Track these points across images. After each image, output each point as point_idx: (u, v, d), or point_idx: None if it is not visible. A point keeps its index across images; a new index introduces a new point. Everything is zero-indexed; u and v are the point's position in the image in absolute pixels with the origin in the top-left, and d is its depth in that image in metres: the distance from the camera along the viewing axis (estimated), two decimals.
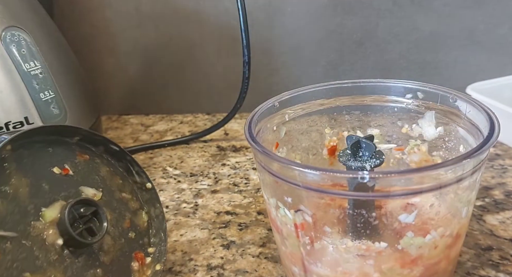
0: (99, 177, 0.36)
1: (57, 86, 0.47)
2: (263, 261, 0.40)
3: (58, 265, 0.30)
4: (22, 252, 0.28)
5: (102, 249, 0.33)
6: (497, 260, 0.38)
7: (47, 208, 0.30)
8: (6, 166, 0.29)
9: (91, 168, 0.36)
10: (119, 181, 0.38)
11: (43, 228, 0.30)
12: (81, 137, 0.36)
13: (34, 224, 0.29)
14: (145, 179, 0.39)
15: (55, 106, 0.46)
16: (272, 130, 0.38)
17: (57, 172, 0.33)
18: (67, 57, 0.53)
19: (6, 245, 0.27)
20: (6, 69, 0.44)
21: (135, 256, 0.36)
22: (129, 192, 0.38)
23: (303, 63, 0.68)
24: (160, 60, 0.70)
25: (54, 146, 0.34)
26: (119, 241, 0.35)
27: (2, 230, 0.28)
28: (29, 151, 0.32)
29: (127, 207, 0.37)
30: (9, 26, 0.45)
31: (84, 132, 0.35)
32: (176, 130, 0.67)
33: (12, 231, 0.28)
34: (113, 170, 0.38)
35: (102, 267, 0.33)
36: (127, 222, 0.37)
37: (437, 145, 0.37)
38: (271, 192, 0.33)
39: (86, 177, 0.35)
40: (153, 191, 0.39)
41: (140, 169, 0.38)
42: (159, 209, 0.39)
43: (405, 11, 0.64)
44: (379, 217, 0.31)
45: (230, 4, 0.65)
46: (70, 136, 0.35)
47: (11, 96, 0.44)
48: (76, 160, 0.35)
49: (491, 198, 0.47)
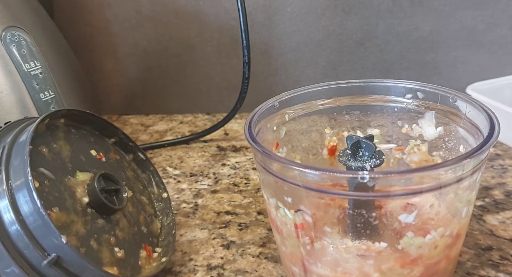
0: (125, 174, 0.41)
1: (57, 86, 0.47)
2: (263, 261, 0.40)
3: (81, 216, 0.33)
4: (56, 191, 0.33)
5: (118, 225, 0.37)
6: (497, 260, 0.38)
7: (81, 172, 0.36)
8: (57, 132, 0.37)
9: (119, 166, 0.41)
10: (140, 186, 0.42)
11: (76, 184, 0.35)
12: (116, 140, 0.42)
13: (69, 178, 0.35)
14: (163, 190, 0.44)
15: (55, 107, 0.46)
16: (272, 130, 0.38)
17: (94, 154, 0.39)
18: (67, 57, 0.53)
19: (45, 181, 0.32)
20: (6, 70, 0.44)
21: (144, 246, 0.38)
22: (147, 198, 0.43)
23: (303, 64, 0.68)
24: (160, 61, 0.70)
25: (95, 138, 0.40)
26: (133, 227, 0.38)
27: (44, 168, 0.33)
28: (77, 131, 0.39)
29: (144, 208, 0.41)
30: (9, 26, 0.45)
31: (121, 136, 0.42)
32: (176, 130, 0.67)
33: (52, 173, 0.33)
34: (137, 177, 0.43)
35: (116, 238, 0.36)
36: (142, 218, 0.40)
37: (437, 145, 0.37)
38: (271, 192, 0.33)
39: (115, 169, 0.40)
40: (168, 201, 0.44)
41: (159, 180, 0.44)
42: (171, 217, 0.42)
43: (405, 11, 0.64)
44: (379, 217, 0.31)
45: (230, 5, 0.65)
46: (108, 136, 0.42)
47: (11, 97, 0.44)
48: (109, 155, 0.41)
49: (491, 198, 0.47)
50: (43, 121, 0.34)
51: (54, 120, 0.36)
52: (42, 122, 0.34)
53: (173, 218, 0.42)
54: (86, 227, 0.33)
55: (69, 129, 0.38)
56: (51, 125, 0.36)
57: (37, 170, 0.32)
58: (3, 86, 0.44)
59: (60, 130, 0.37)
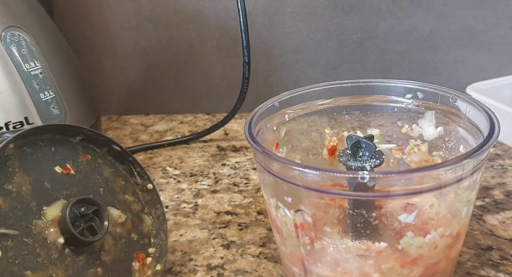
0: (101, 177, 0.36)
1: (57, 86, 0.47)
2: (263, 261, 0.40)
3: (59, 264, 0.30)
4: (23, 250, 0.28)
5: (103, 248, 0.33)
6: (497, 260, 0.38)
7: (48, 207, 0.31)
8: (9, 164, 0.30)
9: (93, 168, 0.36)
10: (121, 182, 0.38)
11: (45, 226, 0.30)
12: (83, 137, 0.36)
13: (36, 222, 0.30)
14: (146, 180, 0.39)
15: (55, 107, 0.46)
16: (272, 130, 0.38)
17: (59, 171, 0.33)
18: (67, 57, 0.53)
19: (7, 242, 0.28)
20: (6, 70, 0.44)
21: (136, 256, 0.36)
22: (132, 194, 0.38)
23: (303, 64, 0.68)
24: (160, 61, 0.70)
25: (57, 145, 0.34)
26: (120, 241, 0.35)
27: (4, 227, 0.28)
28: (32, 149, 0.32)
29: (129, 208, 0.37)
30: (9, 26, 0.45)
31: (87, 133, 0.36)
32: (176, 130, 0.67)
33: (14, 229, 0.28)
34: (116, 171, 0.38)
35: (103, 266, 0.33)
36: (128, 223, 0.37)
37: (437, 145, 0.37)
38: (271, 192, 0.33)
39: (88, 177, 0.35)
40: (154, 192, 0.39)
41: (141, 170, 0.39)
42: (160, 210, 0.39)
43: (405, 11, 0.64)
44: (379, 217, 0.31)
45: (230, 5, 0.65)
46: (73, 136, 0.35)
47: (11, 97, 0.44)
48: (79, 160, 0.35)
49: (491, 198, 0.47)
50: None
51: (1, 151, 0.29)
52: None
53: (163, 211, 0.39)
54: (67, 273, 0.30)
55: (22, 151, 0.31)
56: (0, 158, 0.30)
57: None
58: (3, 86, 0.43)
59: (12, 160, 0.30)
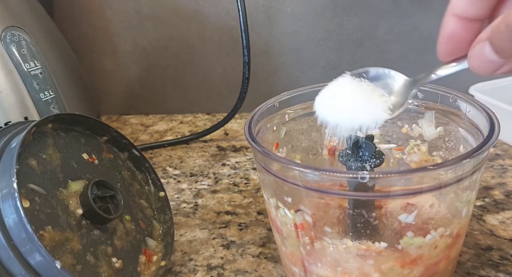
0: (120, 175, 0.40)
1: (57, 86, 0.47)
2: (263, 261, 0.40)
3: (76, 231, 0.33)
4: (48, 208, 0.32)
5: (116, 233, 0.36)
6: (497, 260, 0.38)
7: (73, 181, 0.35)
8: (46, 139, 0.35)
9: (114, 166, 0.40)
10: (137, 186, 0.41)
11: (68, 196, 0.34)
12: (109, 138, 0.40)
13: (61, 190, 0.33)
14: (159, 188, 0.43)
15: (55, 106, 0.46)
16: (272, 130, 0.38)
17: (85, 157, 0.37)
18: (67, 57, 0.53)
19: (36, 198, 0.31)
20: (6, 69, 0.44)
21: (144, 251, 0.38)
22: (146, 200, 0.42)
23: (303, 64, 0.68)
24: (160, 61, 0.70)
25: (86, 138, 0.39)
26: (131, 234, 0.37)
27: (34, 184, 0.32)
28: (66, 134, 0.37)
29: (143, 213, 0.40)
30: (9, 26, 0.45)
31: (113, 133, 0.40)
32: (176, 130, 0.67)
33: (43, 188, 0.32)
34: (133, 175, 0.42)
35: (113, 247, 0.35)
36: (142, 224, 0.39)
37: (437, 145, 0.37)
38: (271, 192, 0.33)
39: (108, 171, 0.39)
40: (165, 199, 0.42)
41: (155, 176, 0.42)
42: (168, 215, 0.42)
43: (405, 11, 0.64)
44: (379, 217, 0.31)
45: (230, 5, 0.65)
46: (101, 135, 0.40)
47: (11, 96, 0.44)
48: (103, 155, 0.39)
49: (491, 198, 0.47)
50: (29, 132, 0.32)
51: (41, 127, 0.34)
52: (29, 133, 0.32)
53: (171, 216, 0.41)
54: (81, 241, 0.32)
55: (57, 133, 0.36)
56: (38, 133, 0.34)
57: (26, 187, 0.31)
58: (3, 86, 0.43)
59: (48, 136, 0.35)
